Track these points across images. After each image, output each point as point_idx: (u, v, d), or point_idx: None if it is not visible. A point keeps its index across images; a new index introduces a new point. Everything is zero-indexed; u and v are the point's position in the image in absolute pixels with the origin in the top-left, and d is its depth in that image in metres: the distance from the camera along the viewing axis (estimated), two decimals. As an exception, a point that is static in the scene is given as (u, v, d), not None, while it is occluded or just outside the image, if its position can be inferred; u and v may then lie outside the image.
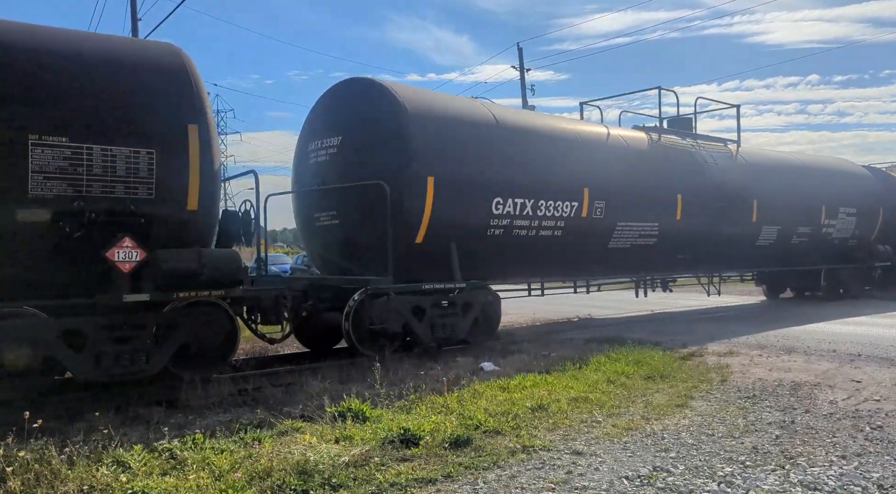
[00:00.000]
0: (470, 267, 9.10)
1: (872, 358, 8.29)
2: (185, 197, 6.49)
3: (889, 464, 4.36)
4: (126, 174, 6.23)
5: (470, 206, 9.13)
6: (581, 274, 11.68)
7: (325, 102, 9.61)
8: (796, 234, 14.79)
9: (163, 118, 6.51)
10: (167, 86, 6.64)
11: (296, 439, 4.91)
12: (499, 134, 9.64)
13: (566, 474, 4.26)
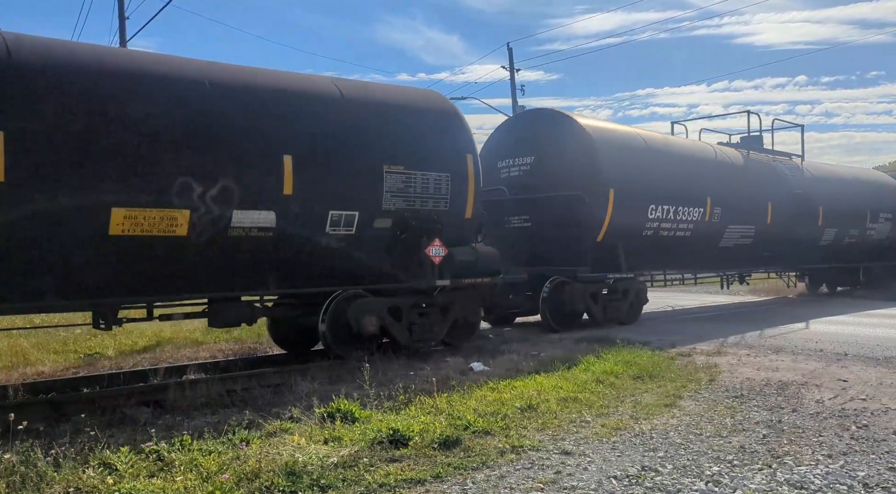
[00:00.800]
0: (627, 261, 11.70)
1: (858, 357, 8.36)
2: (464, 208, 8.93)
3: (874, 463, 4.40)
4: (434, 192, 8.60)
5: (634, 212, 11.67)
6: (698, 267, 14.49)
7: (513, 128, 12.37)
8: (848, 236, 17.32)
9: (452, 150, 8.87)
10: (450, 125, 9.04)
11: (284, 440, 4.89)
12: (649, 154, 12.30)
13: (555, 474, 4.27)
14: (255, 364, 8.40)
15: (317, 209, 7.57)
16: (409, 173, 8.28)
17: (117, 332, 6.91)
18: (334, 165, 7.70)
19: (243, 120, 7.13)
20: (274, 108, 7.41)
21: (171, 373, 7.38)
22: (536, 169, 11.67)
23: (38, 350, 9.31)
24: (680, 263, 13.73)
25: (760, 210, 14.29)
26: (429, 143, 8.61)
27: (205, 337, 10.03)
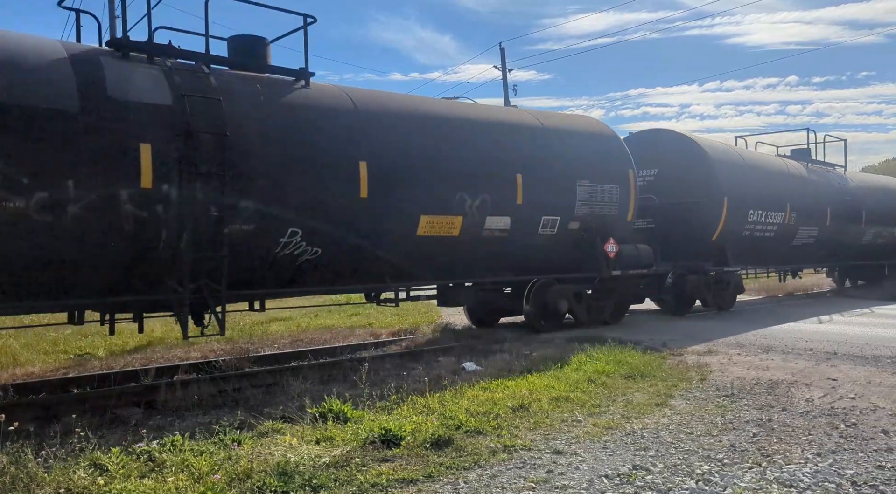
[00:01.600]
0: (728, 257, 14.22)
1: (848, 356, 8.42)
2: (627, 213, 11.51)
3: (862, 461, 4.44)
4: (608, 200, 11.08)
5: (739, 216, 14.07)
6: (774, 263, 17.28)
7: (636, 144, 13.42)
8: (881, 236, 19.85)
9: (619, 166, 11.45)
10: (616, 146, 11.76)
11: (276, 440, 4.89)
12: (745, 167, 14.85)
13: (546, 473, 4.28)
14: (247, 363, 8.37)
15: (535, 215, 10.08)
16: (592, 186, 10.82)
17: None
18: (546, 180, 10.18)
19: (493, 149, 9.69)
20: (508, 139, 10.00)
21: (162, 374, 7.36)
22: (658, 180, 14.03)
23: (27, 350, 9.27)
24: (764, 259, 16.38)
25: (822, 213, 16.90)
26: (604, 161, 11.24)
27: (196, 337, 9.99)
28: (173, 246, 6.59)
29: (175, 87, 6.71)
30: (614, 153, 11.55)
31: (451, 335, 10.73)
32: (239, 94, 7.28)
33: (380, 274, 8.76)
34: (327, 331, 11.40)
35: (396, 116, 8.70)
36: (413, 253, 8.81)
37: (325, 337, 10.87)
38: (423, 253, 8.92)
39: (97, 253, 6.21)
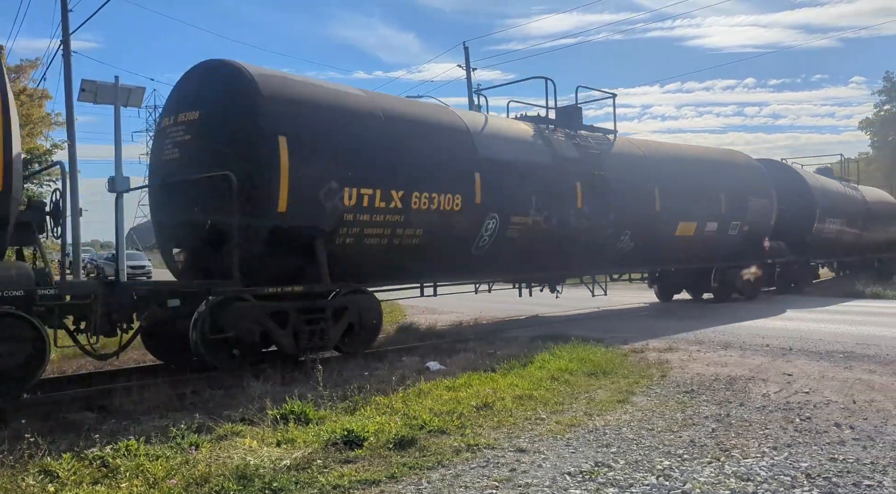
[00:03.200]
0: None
1: (802, 351, 8.63)
2: (771, 219, 16.75)
3: (816, 454, 4.54)
4: (763, 211, 16.17)
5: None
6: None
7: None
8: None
9: (766, 186, 16.61)
10: (762, 173, 16.68)
11: (235, 443, 4.79)
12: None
13: (510, 472, 4.28)
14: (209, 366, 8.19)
15: (729, 221, 15.07)
16: (755, 200, 15.85)
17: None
18: (734, 197, 15.23)
19: (709, 178, 15.02)
20: (715, 170, 15.37)
21: (116, 377, 7.16)
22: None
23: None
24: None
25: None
26: (759, 183, 16.33)
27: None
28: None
29: (577, 146, 12.09)
30: (762, 177, 16.64)
31: (414, 335, 10.69)
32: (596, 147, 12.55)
33: (658, 260, 14.42)
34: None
35: (668, 159, 14.24)
36: (671, 247, 13.91)
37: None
38: (676, 247, 14.01)
39: None
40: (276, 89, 8.03)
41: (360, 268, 8.69)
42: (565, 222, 11.28)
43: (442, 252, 9.62)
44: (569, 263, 12.23)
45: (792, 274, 17.94)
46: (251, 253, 7.53)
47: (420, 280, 10.18)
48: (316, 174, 7.95)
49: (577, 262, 12.41)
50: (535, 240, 10.86)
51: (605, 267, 13.66)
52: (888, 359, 7.94)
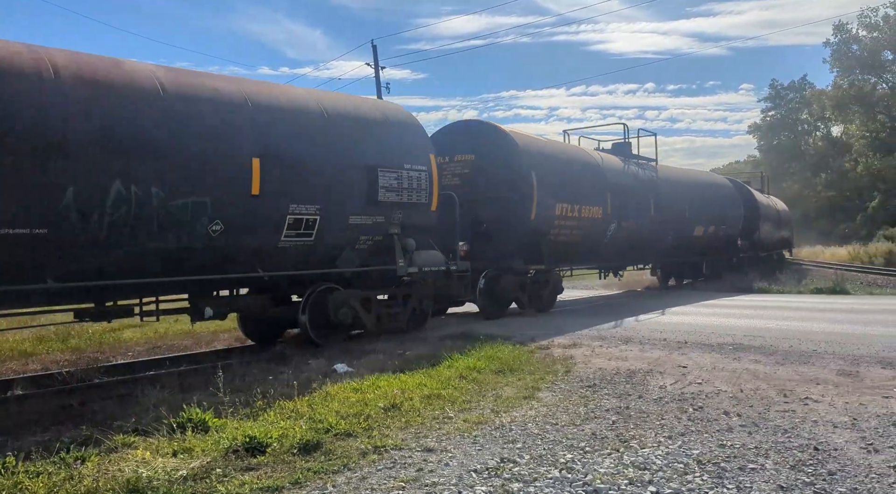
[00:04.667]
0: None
1: (696, 344, 9.10)
2: (739, 225, 22.78)
3: (707, 441, 4.78)
4: (734, 217, 21.82)
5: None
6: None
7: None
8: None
9: (735, 201, 22.44)
10: (733, 189, 23.07)
11: (127, 455, 4.52)
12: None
13: (417, 472, 4.25)
14: (97, 374, 7.71)
15: (709, 226, 19.61)
16: (733, 210, 21.27)
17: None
18: (710, 210, 19.96)
19: (703, 195, 19.54)
20: (702, 191, 19.64)
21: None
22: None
23: None
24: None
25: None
26: (733, 197, 21.76)
27: (35, 347, 9.12)
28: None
29: (644, 172, 16.73)
30: (734, 193, 21.63)
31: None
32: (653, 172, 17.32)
33: (683, 253, 19.51)
34: (188, 337, 10.78)
35: (688, 181, 19.48)
36: (692, 243, 19.35)
37: (185, 343, 10.27)
38: (695, 244, 19.29)
39: None
40: (524, 143, 12.95)
41: (556, 256, 13.71)
42: (644, 226, 16.32)
43: (587, 246, 14.78)
44: (639, 255, 18.06)
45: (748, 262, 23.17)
46: (518, 245, 12.73)
47: (573, 264, 15.93)
48: (547, 196, 12.89)
49: (643, 255, 18.13)
50: (629, 239, 16.01)
51: (657, 258, 19.24)
52: (772, 350, 8.49)
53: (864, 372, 7.00)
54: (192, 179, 7.38)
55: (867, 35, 45.51)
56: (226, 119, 7.81)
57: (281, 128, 8.29)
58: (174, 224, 7.22)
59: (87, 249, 6.68)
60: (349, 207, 9.12)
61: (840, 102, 46.17)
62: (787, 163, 54.40)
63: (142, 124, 7.02)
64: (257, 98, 8.31)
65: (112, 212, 6.73)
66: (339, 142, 9.01)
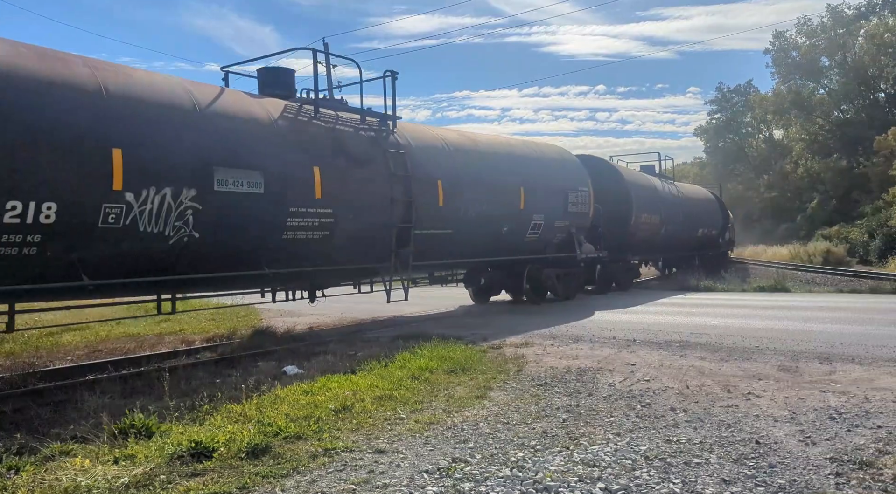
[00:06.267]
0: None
1: (644, 342, 9.28)
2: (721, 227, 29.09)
3: (654, 437, 4.87)
4: (713, 221, 27.83)
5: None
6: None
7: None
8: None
9: (717, 210, 28.62)
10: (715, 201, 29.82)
11: (65, 463, 4.35)
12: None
13: (367, 473, 4.21)
14: (33, 379, 7.40)
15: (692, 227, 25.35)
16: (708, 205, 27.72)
17: None
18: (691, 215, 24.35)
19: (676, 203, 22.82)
20: (684, 197, 24.13)
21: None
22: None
23: None
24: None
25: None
26: (714, 203, 28.07)
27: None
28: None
29: (671, 186, 24.07)
30: (715, 204, 26.89)
31: (271, 339, 10.31)
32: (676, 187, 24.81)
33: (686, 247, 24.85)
34: (131, 340, 10.47)
35: (685, 196, 24.36)
36: (690, 240, 24.21)
37: (128, 346, 9.96)
38: (697, 243, 25.22)
39: None
40: (626, 173, 19.28)
41: (634, 249, 19.66)
42: (678, 228, 22.03)
43: (651, 242, 20.60)
44: (671, 250, 23.36)
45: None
46: (620, 243, 18.18)
47: (639, 256, 21.49)
48: (642, 210, 18.94)
49: (673, 249, 23.56)
50: (669, 238, 21.69)
51: (683, 251, 24.74)
52: (716, 347, 8.72)
53: (803, 368, 7.26)
54: (497, 200, 12.94)
55: (805, 42, 47.31)
56: (502, 166, 13.51)
57: (532, 169, 14.28)
58: (489, 229, 13.03)
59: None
60: (555, 216, 14.75)
61: (780, 107, 47.91)
62: (731, 164, 56.10)
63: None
64: (522, 149, 14.80)
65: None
66: (551, 175, 14.88)
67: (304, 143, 9.33)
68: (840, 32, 44.86)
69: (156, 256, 7.65)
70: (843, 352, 8.08)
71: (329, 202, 9.42)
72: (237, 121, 8.51)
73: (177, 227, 7.67)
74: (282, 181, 8.74)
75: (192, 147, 7.83)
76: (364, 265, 10.64)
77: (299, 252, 9.29)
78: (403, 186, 10.71)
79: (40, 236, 6.53)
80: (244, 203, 8.28)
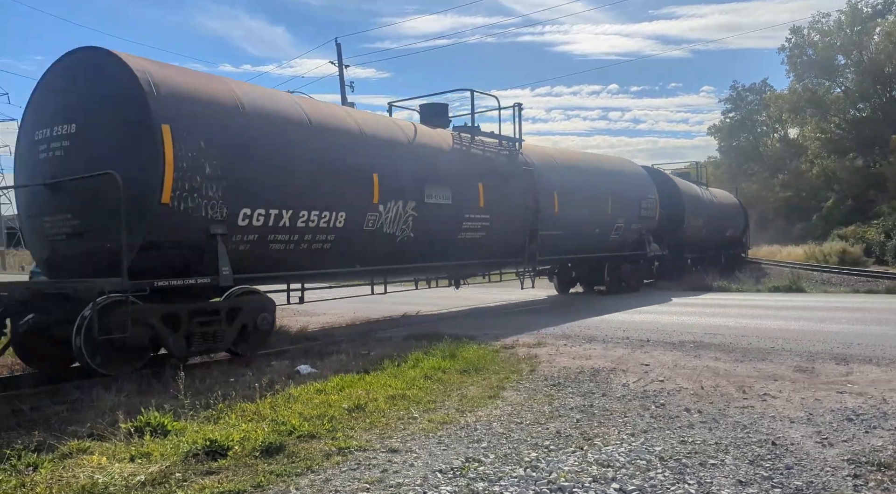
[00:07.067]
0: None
1: (658, 343, 9.23)
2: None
3: (669, 438, 4.84)
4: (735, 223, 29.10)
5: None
6: None
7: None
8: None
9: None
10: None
11: (82, 461, 4.39)
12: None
13: (381, 473, 4.22)
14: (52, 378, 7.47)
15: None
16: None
17: None
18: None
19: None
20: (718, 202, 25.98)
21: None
22: None
23: None
24: None
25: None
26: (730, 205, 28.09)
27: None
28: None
29: (709, 193, 26.42)
30: (738, 207, 28.43)
31: (285, 338, 10.36)
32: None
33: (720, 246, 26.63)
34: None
35: (710, 200, 24.99)
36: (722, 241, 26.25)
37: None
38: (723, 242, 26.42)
39: None
40: (681, 184, 21.79)
41: (684, 247, 21.93)
42: (713, 229, 23.79)
43: (694, 242, 22.62)
44: (707, 250, 24.51)
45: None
46: (676, 244, 20.96)
47: (690, 254, 23.21)
48: (691, 214, 21.33)
49: (709, 249, 24.70)
50: (707, 238, 23.60)
51: (714, 250, 25.51)
52: (731, 347, 8.66)
53: (819, 368, 7.19)
54: (592, 208, 16.04)
55: (821, 40, 46.87)
56: (596, 179, 16.55)
57: (616, 182, 17.21)
58: (585, 230, 15.86)
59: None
60: (631, 219, 17.42)
61: (795, 105, 47.48)
62: (746, 163, 55.69)
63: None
64: (609, 165, 17.97)
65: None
66: (628, 186, 17.72)
67: (470, 164, 12.39)
68: (856, 30, 44.41)
69: (387, 250, 10.53)
70: (860, 353, 8.00)
71: (487, 210, 12.41)
72: (432, 149, 11.60)
73: (402, 229, 10.58)
74: (460, 194, 11.78)
75: (411, 170, 10.79)
76: (504, 259, 13.81)
77: (467, 248, 12.34)
78: (533, 196, 13.67)
79: (334, 236, 9.41)
80: (440, 211, 11.31)
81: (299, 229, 8.86)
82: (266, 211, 8.37)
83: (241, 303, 8.30)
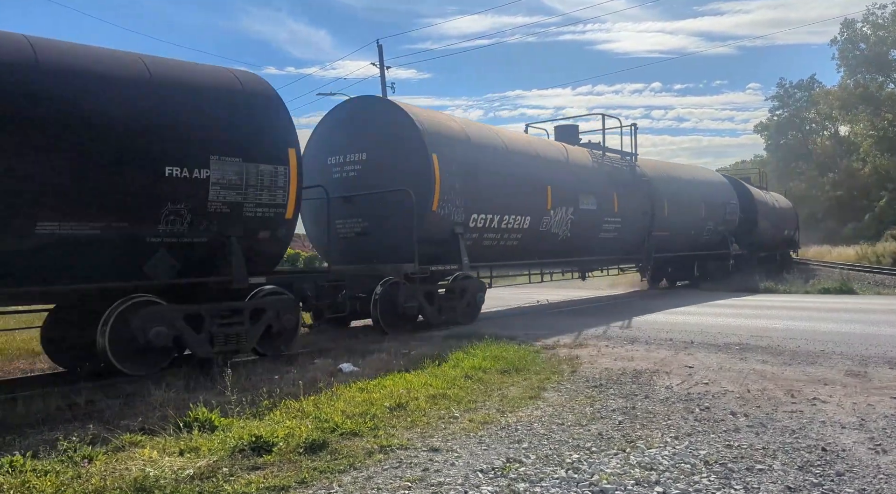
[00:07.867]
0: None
1: (703, 344, 9.07)
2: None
3: (714, 442, 4.76)
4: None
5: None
6: None
7: None
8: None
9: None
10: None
11: (134, 454, 4.53)
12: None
13: (423, 471, 4.25)
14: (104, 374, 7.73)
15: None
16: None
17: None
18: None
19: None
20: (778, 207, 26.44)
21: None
22: None
23: None
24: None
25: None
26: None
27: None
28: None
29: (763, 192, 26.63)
30: (792, 209, 28.79)
31: (327, 336, 10.49)
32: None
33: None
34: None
35: (772, 203, 25.56)
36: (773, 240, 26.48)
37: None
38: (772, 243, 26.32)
39: None
40: (753, 190, 23.81)
41: (756, 247, 23.13)
42: (775, 230, 24.96)
43: (762, 242, 23.88)
44: (770, 249, 25.53)
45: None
46: (749, 245, 22.88)
47: (762, 253, 24.57)
48: (762, 217, 23.45)
49: (771, 248, 25.68)
50: (771, 238, 24.76)
51: (774, 250, 26.23)
52: (779, 350, 8.46)
53: (872, 373, 6.97)
54: (691, 212, 18.69)
55: (873, 34, 45.33)
56: (692, 188, 19.68)
57: (707, 189, 20.06)
58: (685, 232, 19.13)
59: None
60: (718, 222, 20.19)
61: (846, 102, 46.02)
62: (794, 162, 54.22)
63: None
64: (701, 175, 21.01)
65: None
66: (715, 193, 20.52)
67: (606, 176, 15.48)
68: (911, 23, 42.82)
69: (552, 246, 13.71)
70: (915, 358, 7.72)
71: (619, 214, 15.53)
72: (581, 165, 14.79)
73: (563, 230, 13.74)
74: (601, 201, 14.84)
75: (570, 182, 14.04)
76: (626, 255, 17.15)
77: (603, 246, 15.51)
78: (650, 203, 16.80)
79: (520, 235, 12.73)
80: (589, 215, 14.45)
81: (501, 229, 12.25)
82: (485, 215, 11.81)
83: (465, 285, 11.71)
